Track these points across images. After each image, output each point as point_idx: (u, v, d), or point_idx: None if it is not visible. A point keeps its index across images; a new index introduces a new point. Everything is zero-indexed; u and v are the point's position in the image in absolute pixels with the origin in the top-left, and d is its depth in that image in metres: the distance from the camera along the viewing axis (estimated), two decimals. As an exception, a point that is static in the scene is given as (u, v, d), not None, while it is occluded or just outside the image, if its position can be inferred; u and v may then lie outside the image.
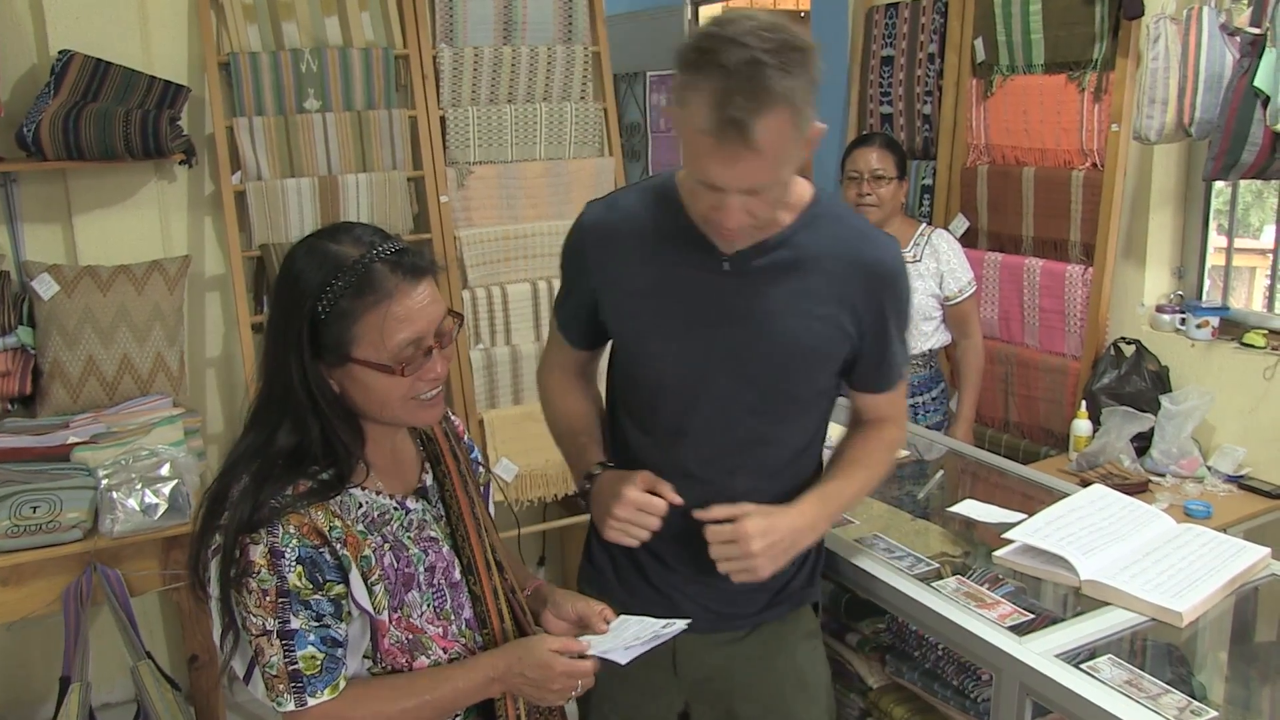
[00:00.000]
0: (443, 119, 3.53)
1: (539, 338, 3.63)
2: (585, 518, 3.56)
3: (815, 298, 1.67)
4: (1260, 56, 2.75)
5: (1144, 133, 3.00)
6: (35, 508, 2.58)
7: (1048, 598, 1.92)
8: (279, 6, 3.30)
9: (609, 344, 1.89)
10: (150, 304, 3.12)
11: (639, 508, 1.66)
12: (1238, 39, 2.87)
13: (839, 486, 1.79)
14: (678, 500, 1.68)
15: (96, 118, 2.95)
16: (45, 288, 3.03)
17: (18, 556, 2.56)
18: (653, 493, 1.69)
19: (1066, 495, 2.24)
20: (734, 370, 1.70)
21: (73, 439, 2.86)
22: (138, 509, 2.62)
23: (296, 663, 1.37)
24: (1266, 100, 2.73)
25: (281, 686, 1.38)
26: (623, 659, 1.56)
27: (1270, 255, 3.59)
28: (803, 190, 1.69)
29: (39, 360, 3.04)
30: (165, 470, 2.69)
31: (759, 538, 1.63)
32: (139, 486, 2.64)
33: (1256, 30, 2.80)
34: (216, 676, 2.87)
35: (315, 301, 1.39)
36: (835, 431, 1.92)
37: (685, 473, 1.76)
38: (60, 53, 3.05)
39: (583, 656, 1.55)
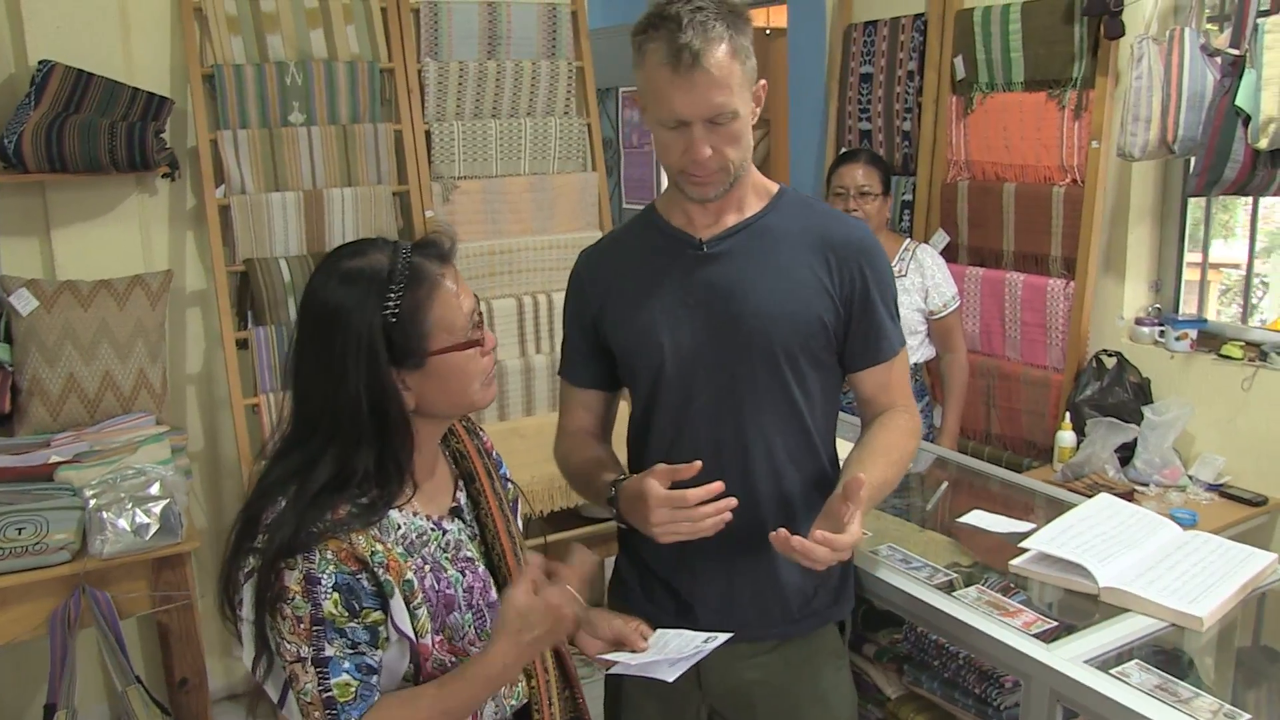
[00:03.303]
0: (428, 133, 3.51)
1: (524, 353, 3.62)
2: (570, 533, 3.55)
3: (789, 267, 1.76)
4: (1240, 77, 2.82)
5: (1128, 149, 3.06)
6: (21, 529, 2.51)
7: (1059, 606, 1.94)
8: (263, 18, 3.26)
9: (618, 402, 1.98)
10: (133, 320, 3.05)
11: (672, 505, 1.61)
12: (1218, 60, 2.94)
13: (872, 481, 1.73)
14: (697, 467, 1.63)
15: (81, 129, 2.89)
16: (23, 303, 2.95)
17: (2, 580, 2.48)
18: (678, 485, 1.65)
19: (1065, 504, 2.27)
20: (725, 343, 1.75)
21: (55, 458, 2.78)
22: (129, 529, 2.55)
23: (330, 690, 1.35)
24: (1247, 119, 2.81)
25: (316, 714, 1.35)
26: (669, 676, 1.55)
27: (1228, 270, 3.72)
28: (769, 183, 1.84)
29: (17, 378, 2.96)
30: (155, 489, 2.63)
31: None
32: (129, 506, 2.57)
33: (1236, 51, 2.87)
34: (207, 700, 2.81)
35: (382, 311, 1.38)
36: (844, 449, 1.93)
37: (701, 470, 1.77)
38: (40, 63, 2.99)
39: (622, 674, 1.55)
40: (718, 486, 1.61)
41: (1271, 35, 2.72)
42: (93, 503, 2.58)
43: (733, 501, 1.60)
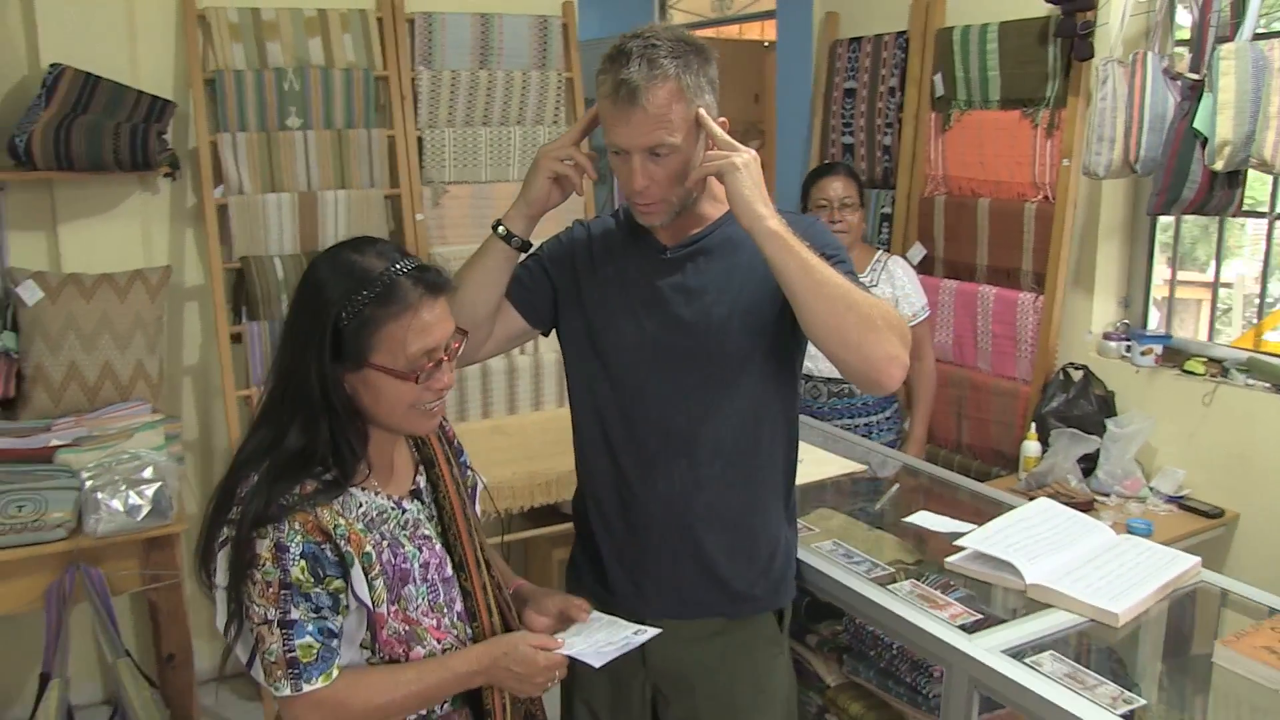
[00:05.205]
0: (420, 139, 3.64)
1: (508, 354, 3.73)
2: (548, 530, 3.63)
3: (746, 268, 1.85)
4: (1199, 100, 2.92)
5: (1093, 168, 3.16)
6: (21, 507, 2.65)
7: (996, 602, 2.04)
8: (263, 26, 3.39)
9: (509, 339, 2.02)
10: (132, 312, 3.19)
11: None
12: (1179, 83, 3.04)
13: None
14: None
15: (87, 130, 3.03)
16: (30, 294, 3.09)
17: (2, 554, 2.61)
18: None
19: (1010, 508, 2.36)
20: (682, 340, 1.85)
21: (55, 441, 2.92)
22: (121, 510, 2.68)
23: (294, 651, 1.46)
24: (1205, 141, 2.90)
25: (279, 673, 1.46)
26: (596, 662, 1.67)
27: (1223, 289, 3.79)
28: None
29: (22, 365, 3.10)
30: (148, 473, 2.76)
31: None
32: (123, 488, 2.70)
33: (1196, 76, 2.97)
34: (192, 676, 2.93)
35: (340, 308, 1.48)
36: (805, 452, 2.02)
37: (649, 454, 1.89)
38: (51, 66, 3.13)
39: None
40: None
41: (1226, 61, 2.82)
42: (89, 484, 2.71)
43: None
